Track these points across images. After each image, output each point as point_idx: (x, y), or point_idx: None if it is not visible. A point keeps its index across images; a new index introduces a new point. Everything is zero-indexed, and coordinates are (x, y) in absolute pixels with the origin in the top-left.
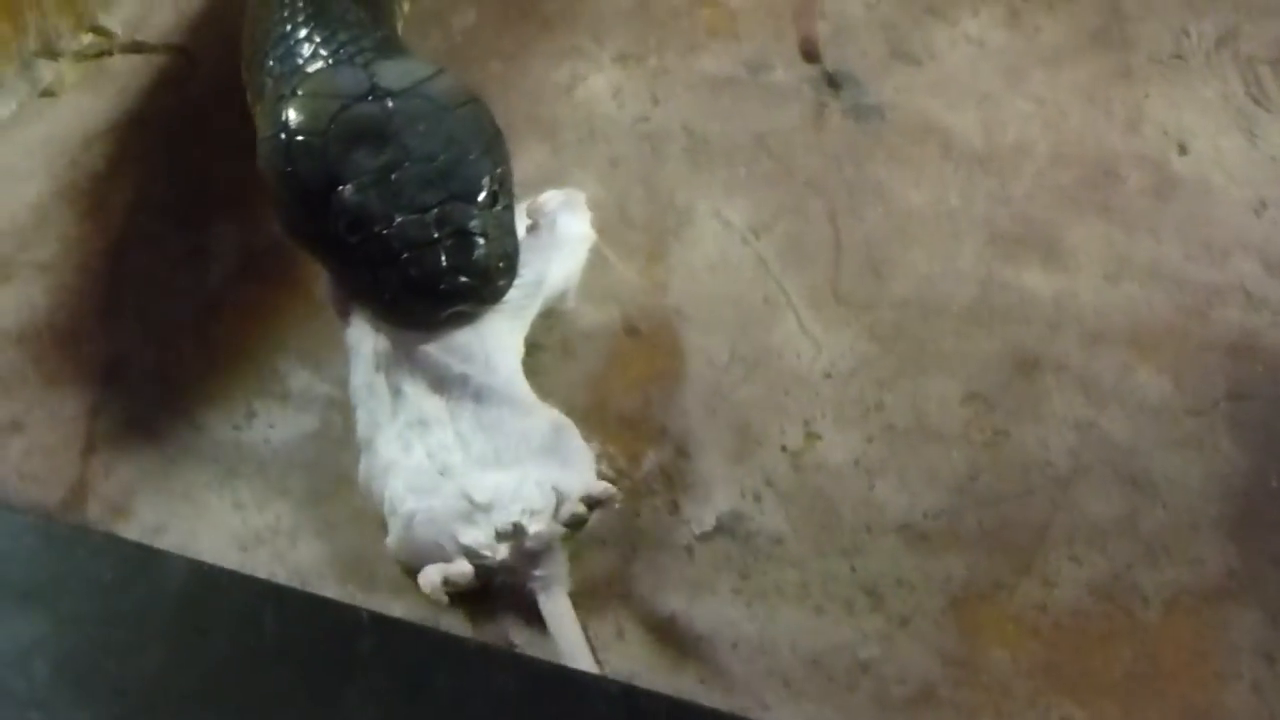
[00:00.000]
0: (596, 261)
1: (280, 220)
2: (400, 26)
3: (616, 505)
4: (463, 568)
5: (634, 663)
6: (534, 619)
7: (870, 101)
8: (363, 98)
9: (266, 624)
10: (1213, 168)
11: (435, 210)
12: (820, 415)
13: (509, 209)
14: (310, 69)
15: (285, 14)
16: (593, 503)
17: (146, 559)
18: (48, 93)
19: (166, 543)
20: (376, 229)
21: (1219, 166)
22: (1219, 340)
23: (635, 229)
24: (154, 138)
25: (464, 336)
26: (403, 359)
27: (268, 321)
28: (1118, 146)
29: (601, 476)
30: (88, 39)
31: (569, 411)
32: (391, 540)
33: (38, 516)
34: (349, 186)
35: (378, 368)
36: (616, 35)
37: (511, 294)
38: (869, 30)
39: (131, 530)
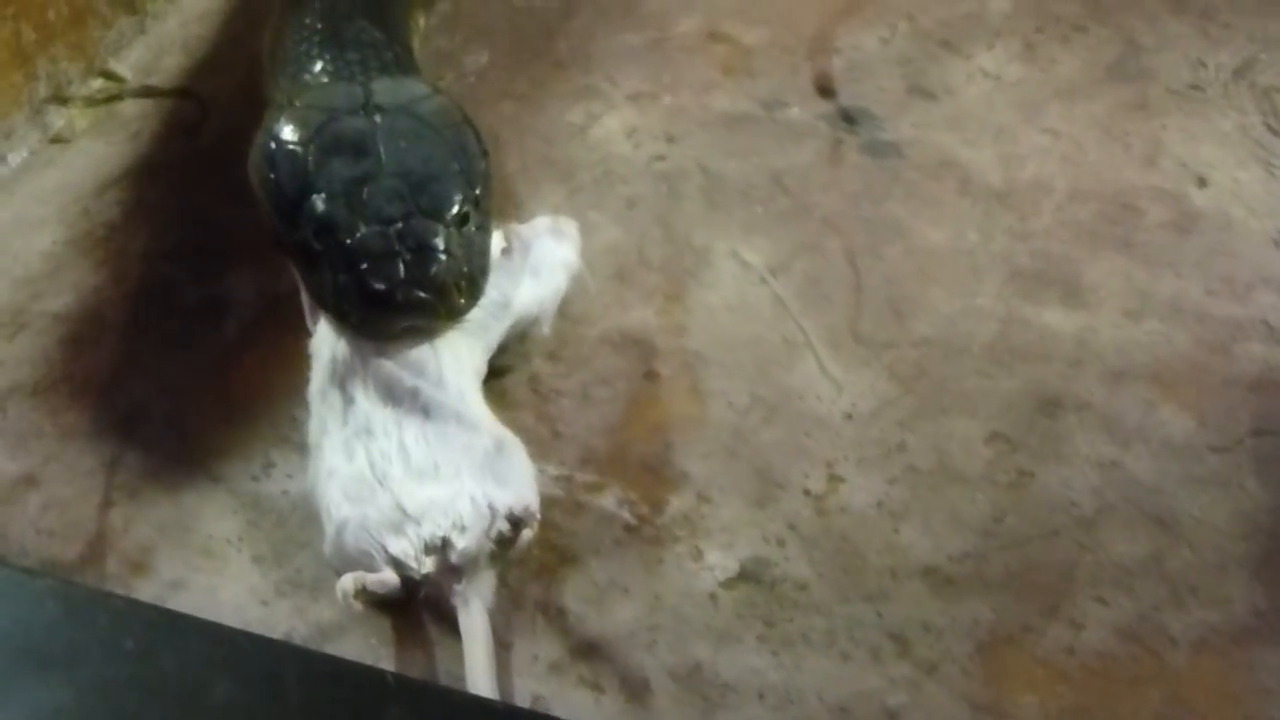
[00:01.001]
0: (582, 292)
1: (264, 228)
2: (416, 42)
3: (532, 530)
4: (386, 577)
5: (661, 714)
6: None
7: (887, 138)
8: (354, 112)
9: (290, 690)
10: (1232, 200)
11: (400, 224)
12: (842, 458)
13: (483, 230)
14: (313, 84)
15: (302, 34)
16: (516, 521)
17: (169, 624)
18: (59, 139)
19: (186, 598)
20: (341, 237)
21: (1238, 199)
22: (1242, 376)
23: (653, 270)
24: (167, 185)
25: (419, 351)
26: (358, 368)
27: (285, 370)
28: (1136, 181)
29: (623, 524)
30: (98, 84)
31: (588, 458)
32: (325, 546)
33: (57, 579)
34: (320, 195)
35: (334, 375)
36: (630, 74)
37: (475, 313)
38: (884, 65)
39: (151, 586)
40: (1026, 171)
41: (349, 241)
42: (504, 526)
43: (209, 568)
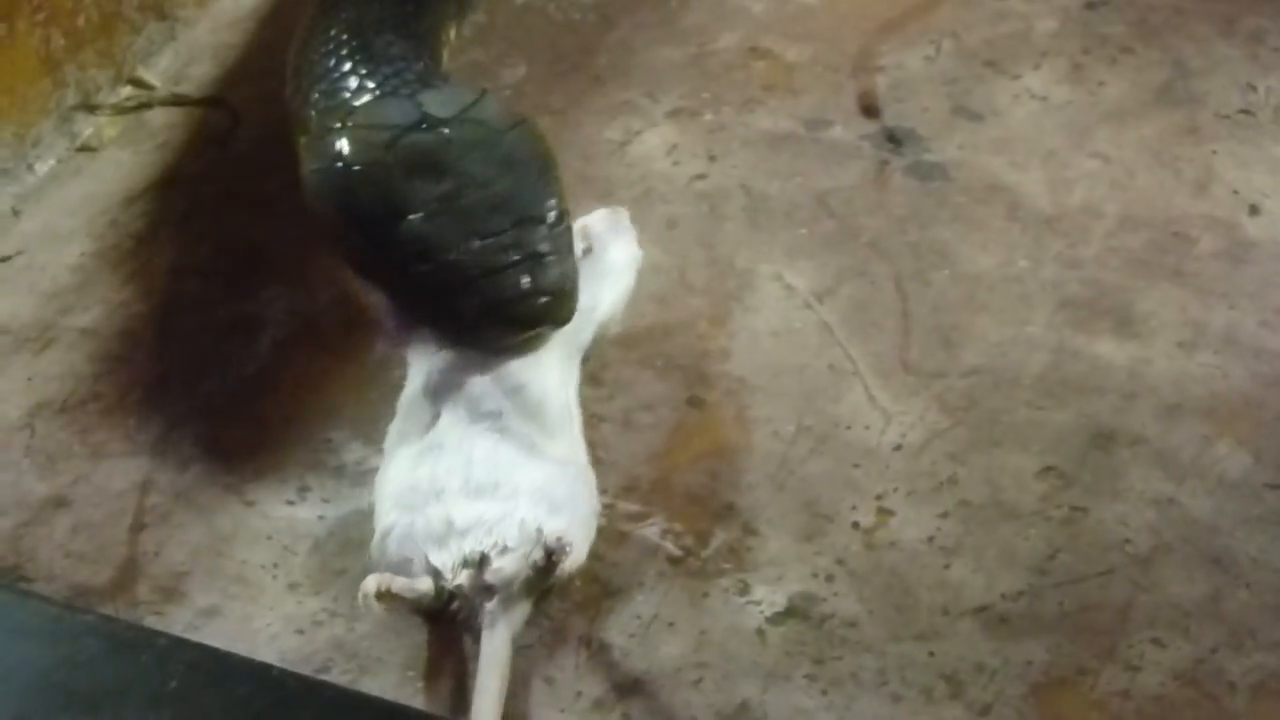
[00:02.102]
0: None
1: (337, 252)
2: (446, 54)
3: (569, 563)
4: (417, 584)
5: None
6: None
7: (933, 159)
8: (414, 127)
9: None
10: None
11: (508, 234)
12: (892, 490)
13: (569, 229)
14: (357, 102)
15: (330, 48)
16: (551, 553)
17: (214, 665)
18: (86, 147)
19: (220, 626)
20: (449, 256)
21: None
22: None
23: (695, 293)
24: (197, 196)
25: (520, 370)
26: (451, 386)
27: (320, 391)
28: (1187, 208)
29: (668, 556)
30: (127, 92)
31: (631, 486)
32: (371, 549)
33: (97, 615)
34: (417, 215)
35: (427, 389)
36: (670, 90)
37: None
38: (929, 85)
39: (184, 613)
40: (1076, 196)
41: (459, 258)
42: (538, 555)
43: (243, 595)
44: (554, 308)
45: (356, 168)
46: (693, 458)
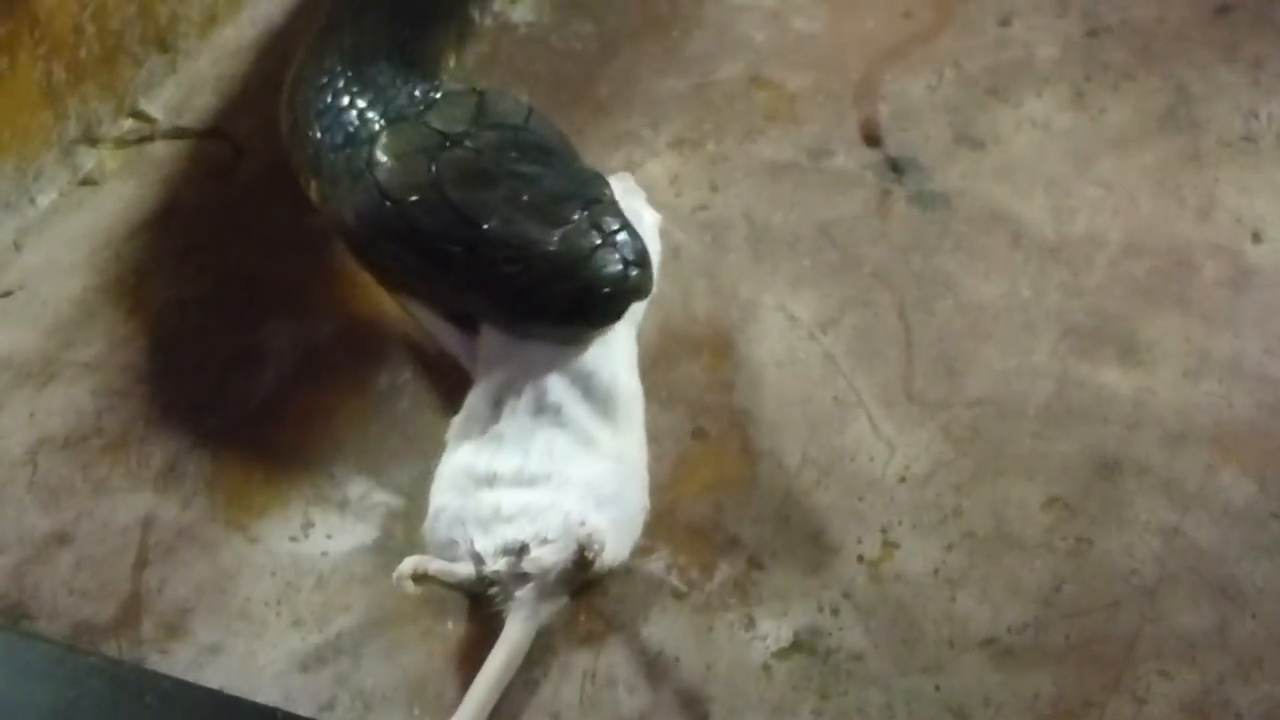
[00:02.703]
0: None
1: (407, 285)
2: (446, 80)
3: (595, 565)
4: (455, 567)
5: None
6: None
7: (936, 188)
8: (441, 147)
9: None
10: None
11: (582, 218)
12: (897, 522)
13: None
14: (365, 134)
15: (324, 81)
16: (585, 549)
17: (216, 708)
18: (89, 181)
19: (224, 663)
20: (537, 251)
21: None
22: None
23: (699, 323)
24: (199, 229)
25: (590, 357)
26: (517, 380)
27: (324, 425)
28: (1191, 235)
29: (672, 590)
30: (129, 124)
31: None
32: (424, 528)
33: (101, 656)
34: (493, 222)
35: (498, 386)
36: (672, 120)
37: None
38: (931, 113)
39: (187, 650)
40: (1079, 224)
41: (549, 251)
42: (573, 549)
43: (247, 631)
44: (644, 280)
45: (411, 200)
46: (697, 490)
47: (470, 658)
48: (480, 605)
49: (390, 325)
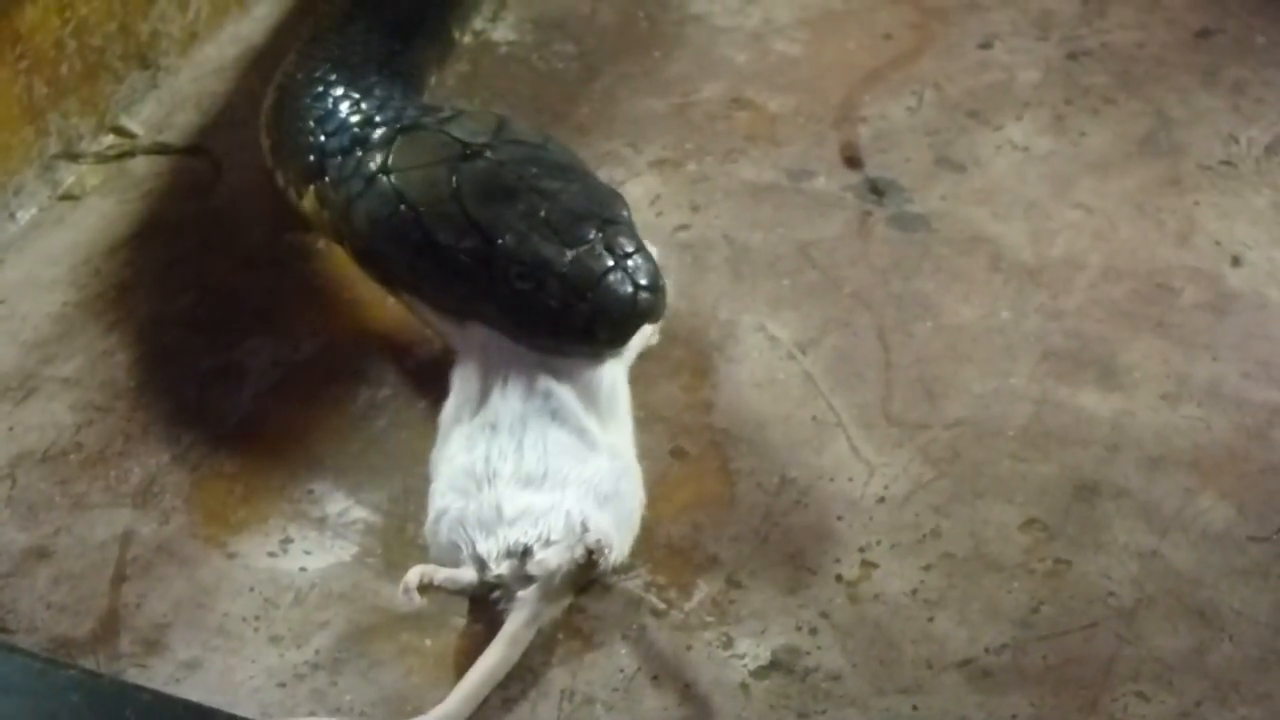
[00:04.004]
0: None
1: (414, 294)
2: (426, 98)
3: (601, 565)
4: (460, 574)
5: None
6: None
7: (916, 210)
8: (462, 158)
9: None
10: (1267, 281)
11: (597, 240)
12: (875, 543)
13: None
14: (374, 139)
15: (320, 89)
16: (591, 552)
17: None
18: (68, 196)
19: (201, 679)
20: (549, 271)
21: (1273, 279)
22: None
23: (679, 344)
24: (179, 246)
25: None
26: (506, 363)
27: (303, 442)
28: (1170, 259)
29: (651, 608)
30: (109, 140)
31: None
32: (425, 530)
33: (80, 670)
34: (507, 238)
35: (479, 367)
36: (653, 140)
37: None
38: (912, 136)
39: (165, 666)
40: (1058, 248)
41: (561, 271)
42: (578, 552)
43: (225, 647)
44: (656, 303)
45: (425, 207)
46: (676, 510)
47: (471, 653)
48: (479, 605)
49: (369, 343)
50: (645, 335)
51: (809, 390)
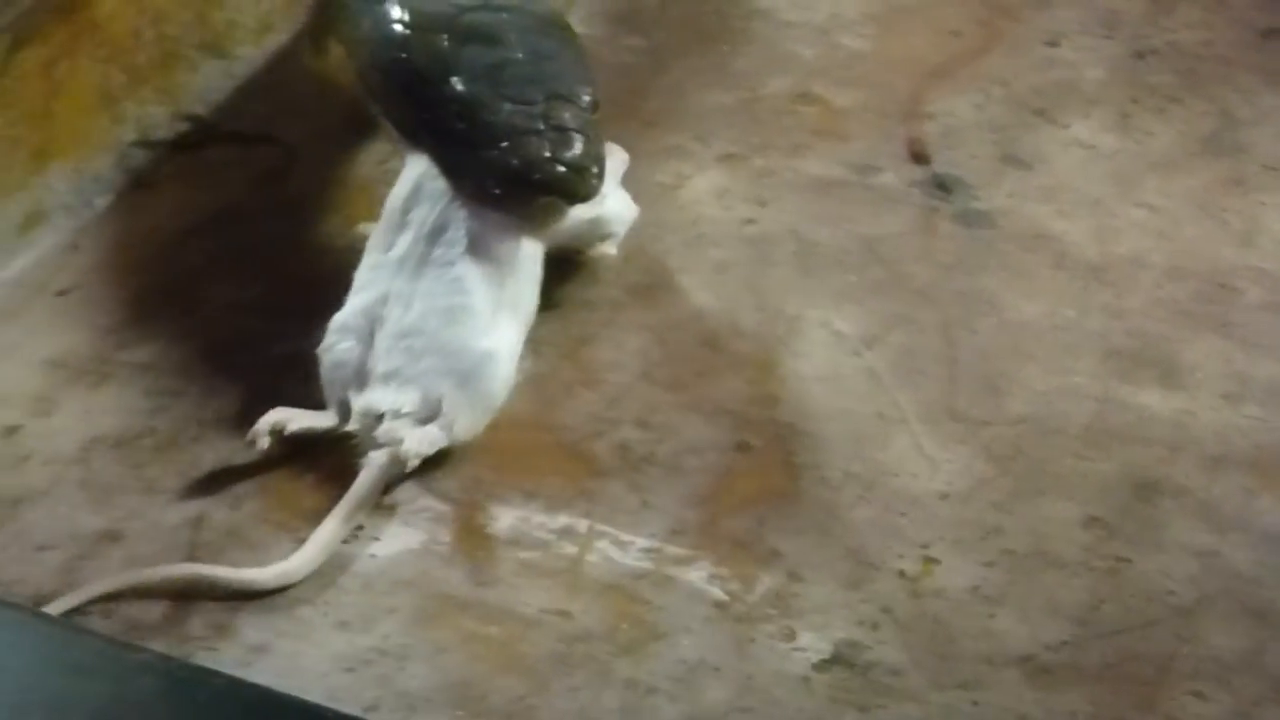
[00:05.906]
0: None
1: (380, 108)
2: None
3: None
4: (316, 421)
5: None
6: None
7: (981, 207)
8: (476, 9)
9: None
10: None
11: (540, 104)
12: (938, 539)
13: (597, 121)
14: None
15: None
16: (400, 457)
17: (270, 706)
18: (144, 183)
19: (269, 663)
20: (486, 116)
21: None
22: None
23: (745, 338)
24: (251, 234)
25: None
26: (433, 202)
27: None
28: (1234, 259)
29: (714, 600)
30: (183, 128)
31: (678, 529)
32: (318, 348)
33: (153, 653)
34: (461, 77)
35: (409, 196)
36: (720, 135)
37: None
38: (978, 132)
39: (234, 649)
40: (1122, 246)
41: (494, 119)
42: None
43: (293, 632)
44: (571, 181)
45: (418, 31)
46: (739, 503)
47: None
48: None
49: None
50: (578, 225)
51: (873, 386)
